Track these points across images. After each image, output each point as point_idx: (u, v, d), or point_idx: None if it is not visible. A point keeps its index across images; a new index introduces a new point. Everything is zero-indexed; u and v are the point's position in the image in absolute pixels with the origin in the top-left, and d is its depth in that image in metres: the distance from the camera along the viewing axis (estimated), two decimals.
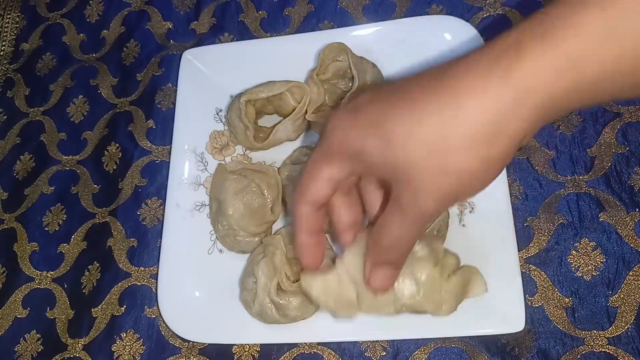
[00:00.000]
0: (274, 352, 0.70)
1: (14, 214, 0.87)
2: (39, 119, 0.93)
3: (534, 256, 0.67)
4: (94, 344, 0.76)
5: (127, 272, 0.78)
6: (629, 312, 0.63)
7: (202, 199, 0.77)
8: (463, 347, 0.66)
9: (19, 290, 0.82)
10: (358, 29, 0.80)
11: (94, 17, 0.99)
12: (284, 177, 0.72)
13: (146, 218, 0.81)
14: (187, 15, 0.94)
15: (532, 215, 0.69)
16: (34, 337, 0.78)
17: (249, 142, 0.75)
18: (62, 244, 0.83)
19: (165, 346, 0.74)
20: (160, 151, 0.85)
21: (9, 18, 1.04)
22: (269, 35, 0.89)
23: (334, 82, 0.76)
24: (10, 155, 0.92)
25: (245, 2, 0.92)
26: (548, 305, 0.65)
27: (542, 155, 0.71)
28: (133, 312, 0.76)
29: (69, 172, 0.88)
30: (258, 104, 0.76)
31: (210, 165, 0.79)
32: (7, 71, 1.00)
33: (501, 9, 0.80)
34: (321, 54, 0.73)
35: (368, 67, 0.74)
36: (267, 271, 0.65)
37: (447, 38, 0.76)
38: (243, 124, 0.74)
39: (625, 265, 0.65)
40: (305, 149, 0.73)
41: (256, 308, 0.66)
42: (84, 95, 0.93)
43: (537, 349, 0.64)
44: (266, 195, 0.72)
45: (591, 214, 0.67)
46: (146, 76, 0.91)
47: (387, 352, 0.68)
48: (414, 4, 0.84)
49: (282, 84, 0.73)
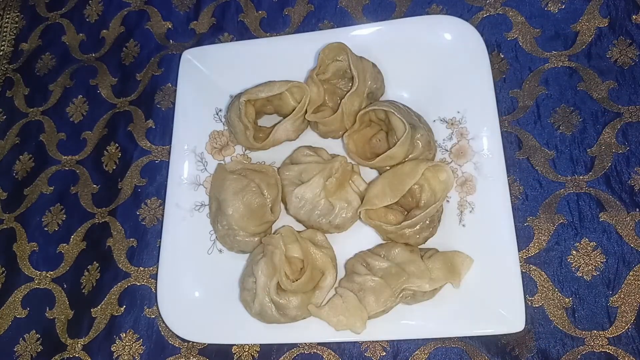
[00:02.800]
0: (274, 352, 0.70)
1: (13, 214, 0.87)
2: (38, 119, 0.93)
3: (534, 256, 0.67)
4: (93, 344, 0.75)
5: (127, 272, 0.78)
6: (629, 312, 0.63)
7: (201, 199, 0.77)
8: (463, 347, 0.66)
9: (19, 291, 0.82)
10: (358, 29, 0.80)
11: (94, 17, 0.99)
12: (283, 177, 0.72)
13: (146, 218, 0.81)
14: (186, 15, 0.94)
15: (532, 215, 0.69)
16: (33, 337, 0.78)
17: (249, 142, 0.75)
18: (62, 244, 0.83)
19: (164, 346, 0.73)
20: (160, 151, 0.85)
21: (9, 18, 1.04)
22: (268, 35, 0.89)
23: (334, 82, 0.76)
24: (10, 155, 0.92)
25: (245, 2, 0.92)
26: (548, 305, 0.65)
27: (542, 155, 0.71)
28: (132, 312, 0.76)
29: (69, 172, 0.88)
30: (258, 104, 0.76)
31: (210, 165, 0.79)
32: (6, 71, 1.00)
33: (501, 9, 0.80)
34: (321, 54, 0.73)
35: (368, 67, 0.73)
36: (266, 270, 0.65)
37: (447, 38, 0.76)
38: (243, 124, 0.74)
39: (625, 265, 0.65)
40: (305, 149, 0.73)
41: (256, 308, 0.66)
42: (84, 95, 0.93)
43: (537, 349, 0.64)
44: (266, 195, 0.72)
45: (591, 214, 0.67)
46: (146, 76, 0.91)
47: (387, 352, 0.67)
48: (414, 4, 0.84)
49: (282, 84, 0.73)
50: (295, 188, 0.70)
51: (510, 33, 0.78)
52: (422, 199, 0.67)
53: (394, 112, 0.67)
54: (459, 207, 0.69)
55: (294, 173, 0.72)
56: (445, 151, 0.73)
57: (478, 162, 0.70)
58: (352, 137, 0.72)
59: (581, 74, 0.74)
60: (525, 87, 0.75)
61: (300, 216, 0.70)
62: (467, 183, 0.70)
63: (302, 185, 0.70)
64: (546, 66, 0.75)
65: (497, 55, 0.77)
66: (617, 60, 0.73)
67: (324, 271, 0.67)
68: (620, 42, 0.74)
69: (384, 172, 0.70)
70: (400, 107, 0.70)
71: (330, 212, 0.69)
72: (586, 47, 0.75)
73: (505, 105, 0.75)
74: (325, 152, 0.73)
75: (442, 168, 0.66)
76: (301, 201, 0.69)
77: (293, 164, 0.73)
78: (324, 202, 0.69)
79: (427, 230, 0.66)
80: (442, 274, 0.63)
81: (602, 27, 0.75)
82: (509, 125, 0.74)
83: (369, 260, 0.66)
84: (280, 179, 0.72)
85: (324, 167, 0.69)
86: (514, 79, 0.76)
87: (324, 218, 0.69)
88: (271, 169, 0.74)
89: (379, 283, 0.63)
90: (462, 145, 0.72)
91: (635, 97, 0.71)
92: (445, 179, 0.67)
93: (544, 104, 0.73)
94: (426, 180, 0.67)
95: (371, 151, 0.74)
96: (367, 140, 0.74)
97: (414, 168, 0.66)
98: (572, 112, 0.72)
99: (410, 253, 0.65)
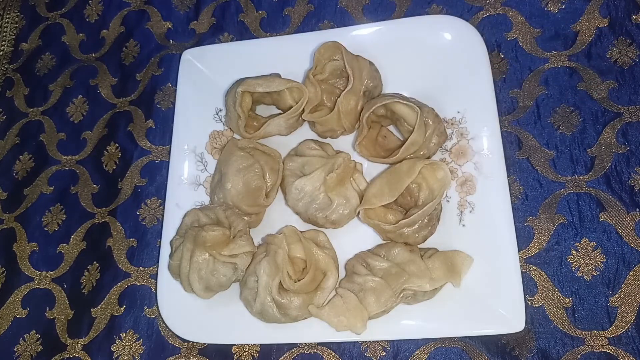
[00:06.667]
0: (274, 352, 0.70)
1: (13, 214, 0.87)
2: (38, 119, 0.93)
3: (534, 256, 0.67)
4: (93, 344, 0.75)
5: (127, 272, 0.78)
6: (629, 312, 0.63)
7: (201, 198, 0.77)
8: (463, 347, 0.66)
9: (19, 290, 0.82)
10: (358, 29, 0.80)
11: (94, 17, 0.99)
12: (286, 167, 0.73)
13: (146, 218, 0.81)
14: (186, 15, 0.94)
15: (532, 215, 0.69)
16: (33, 337, 0.78)
17: (239, 131, 0.76)
18: (62, 244, 0.83)
19: (164, 346, 0.73)
20: (160, 151, 0.85)
21: (9, 18, 1.04)
22: (268, 35, 0.88)
23: (331, 81, 0.76)
24: (10, 155, 0.92)
25: (245, 2, 0.92)
26: (548, 305, 0.65)
27: (542, 155, 0.71)
28: (132, 312, 0.76)
29: (69, 172, 0.88)
30: (256, 94, 0.76)
31: (210, 165, 0.79)
32: (6, 71, 1.00)
33: (501, 9, 0.80)
34: (317, 54, 0.73)
35: (364, 65, 0.74)
36: (269, 270, 0.65)
37: (447, 38, 0.76)
38: (237, 113, 0.74)
39: (625, 265, 0.65)
40: (311, 142, 0.74)
41: (257, 307, 0.66)
42: (84, 95, 0.93)
43: (537, 349, 0.64)
44: (267, 179, 0.73)
45: (591, 214, 0.67)
46: (146, 76, 0.91)
47: (387, 352, 0.67)
48: (414, 4, 0.84)
49: (281, 83, 0.74)
50: (296, 179, 0.70)
51: (510, 33, 0.78)
52: (421, 198, 0.67)
53: (400, 100, 0.68)
54: (459, 207, 0.69)
55: (297, 165, 0.72)
56: (446, 151, 0.73)
57: (478, 162, 0.70)
58: (362, 145, 0.72)
59: (581, 74, 0.74)
60: (525, 87, 0.75)
61: (297, 208, 0.71)
62: (467, 183, 0.70)
63: (303, 177, 0.70)
64: (546, 66, 0.75)
65: (497, 55, 0.77)
66: (617, 60, 0.73)
67: (326, 272, 0.67)
68: (620, 42, 0.74)
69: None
70: (399, 95, 0.71)
71: (328, 207, 0.69)
72: (586, 47, 0.75)
73: (505, 105, 0.75)
74: (330, 148, 0.73)
75: (439, 166, 0.67)
76: (300, 193, 0.70)
77: (297, 155, 0.74)
78: (323, 196, 0.69)
79: (426, 229, 0.67)
80: (442, 273, 0.63)
81: (602, 27, 0.75)
82: (509, 125, 0.74)
83: (369, 261, 0.66)
84: (283, 169, 0.73)
85: (327, 162, 0.69)
86: (514, 79, 0.76)
87: (321, 212, 0.69)
88: (278, 153, 0.75)
89: (380, 283, 0.63)
90: (462, 145, 0.72)
91: (635, 97, 0.71)
92: (442, 176, 0.67)
93: (544, 104, 0.73)
94: (424, 179, 0.67)
95: (382, 149, 0.74)
96: (374, 141, 0.74)
97: (412, 166, 0.66)
98: (572, 112, 0.72)
99: (410, 253, 0.65)
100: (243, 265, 0.68)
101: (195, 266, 0.67)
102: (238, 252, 0.68)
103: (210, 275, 0.67)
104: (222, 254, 0.68)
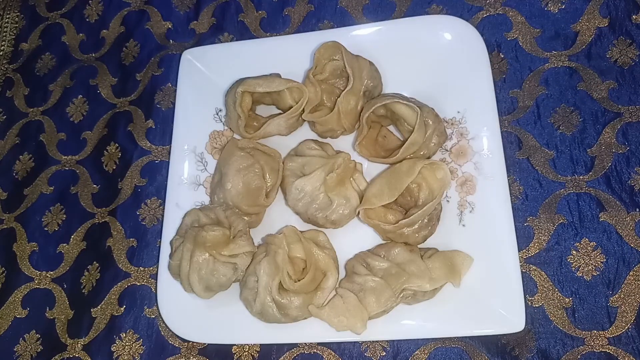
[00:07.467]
0: (274, 352, 0.70)
1: (13, 214, 0.87)
2: (38, 119, 0.93)
3: (534, 256, 0.67)
4: (93, 344, 0.75)
5: (127, 272, 0.78)
6: (629, 312, 0.63)
7: (201, 198, 0.77)
8: (463, 347, 0.66)
9: (19, 290, 0.82)
10: (358, 29, 0.80)
11: (94, 17, 0.99)
12: (286, 167, 0.73)
13: (146, 218, 0.81)
14: (186, 15, 0.94)
15: (532, 215, 0.69)
16: (33, 337, 0.78)
17: (239, 131, 0.76)
18: (62, 244, 0.83)
19: (164, 346, 0.73)
20: (160, 151, 0.85)
21: (9, 18, 1.04)
22: (268, 35, 0.88)
23: (332, 81, 0.76)
24: (10, 155, 0.92)
25: (245, 2, 0.92)
26: (548, 305, 0.65)
27: (542, 155, 0.71)
28: (133, 312, 0.76)
29: (69, 172, 0.88)
30: (256, 94, 0.76)
31: (210, 165, 0.79)
32: (6, 71, 1.00)
33: (501, 9, 0.80)
34: (316, 54, 0.73)
35: (364, 65, 0.74)
36: (269, 270, 0.65)
37: (447, 38, 0.76)
38: (237, 113, 0.74)
39: (625, 265, 0.65)
40: (311, 142, 0.74)
41: (257, 307, 0.66)
42: (84, 95, 0.93)
43: (537, 349, 0.64)
44: (267, 179, 0.73)
45: (591, 214, 0.67)
46: (146, 76, 0.91)
47: (387, 352, 0.68)
48: (414, 4, 0.84)
49: (281, 83, 0.74)
50: (296, 179, 0.70)
51: (510, 33, 0.78)
52: (420, 198, 0.67)
53: (400, 100, 0.68)
54: (459, 207, 0.69)
55: (297, 165, 0.72)
56: (446, 151, 0.73)
57: (478, 162, 0.70)
58: (362, 145, 0.72)
59: (581, 74, 0.74)
60: (525, 87, 0.75)
61: (298, 208, 0.71)
62: (467, 183, 0.70)
63: (303, 177, 0.70)
64: (546, 66, 0.75)
65: (497, 55, 0.77)
66: (617, 60, 0.73)
67: (326, 272, 0.67)
68: (620, 42, 0.74)
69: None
70: (399, 95, 0.71)
71: (328, 207, 0.69)
72: (586, 47, 0.75)
73: (505, 105, 0.75)
74: (330, 148, 0.73)
75: (439, 166, 0.67)
76: (300, 193, 0.70)
77: (297, 155, 0.74)
78: (323, 196, 0.69)
79: (425, 229, 0.67)
80: (442, 273, 0.63)
81: (602, 27, 0.75)
82: (509, 125, 0.74)
83: (369, 261, 0.66)
84: (283, 169, 0.73)
85: (327, 162, 0.69)
86: (514, 79, 0.76)
87: (321, 212, 0.69)
88: (278, 154, 0.75)
89: (380, 283, 0.63)
90: (462, 145, 0.72)
91: (635, 97, 0.71)
92: (442, 176, 0.67)
93: (544, 104, 0.73)
94: (424, 179, 0.67)
95: (382, 149, 0.74)
96: (374, 142, 0.74)
97: (411, 166, 0.66)
98: (572, 112, 0.72)
99: (410, 253, 0.65)
100: (243, 265, 0.68)
101: (195, 266, 0.67)
102: (238, 252, 0.68)
103: (210, 275, 0.67)
104: (222, 254, 0.67)
